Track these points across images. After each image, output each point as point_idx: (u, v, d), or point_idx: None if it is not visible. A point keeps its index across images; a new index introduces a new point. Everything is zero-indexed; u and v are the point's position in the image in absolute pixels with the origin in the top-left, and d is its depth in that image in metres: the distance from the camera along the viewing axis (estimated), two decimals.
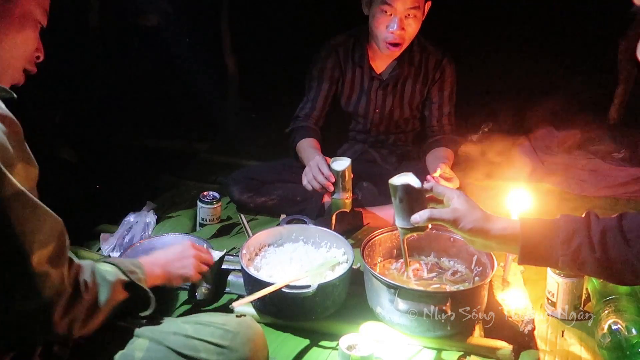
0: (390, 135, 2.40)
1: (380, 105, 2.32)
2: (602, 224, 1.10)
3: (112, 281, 1.12)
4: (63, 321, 0.98)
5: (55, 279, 0.95)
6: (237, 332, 1.25)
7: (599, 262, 1.08)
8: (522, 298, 1.65)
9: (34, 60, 1.13)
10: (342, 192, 1.85)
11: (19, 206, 0.91)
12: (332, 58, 2.29)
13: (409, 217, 1.28)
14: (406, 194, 1.28)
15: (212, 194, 2.21)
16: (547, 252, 1.13)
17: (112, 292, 1.11)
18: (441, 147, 2.27)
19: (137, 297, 1.20)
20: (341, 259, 1.70)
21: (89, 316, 1.05)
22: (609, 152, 2.71)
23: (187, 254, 1.46)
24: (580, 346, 1.53)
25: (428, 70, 2.28)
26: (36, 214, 0.94)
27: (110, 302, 1.10)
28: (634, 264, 1.06)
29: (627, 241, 1.07)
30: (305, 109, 2.31)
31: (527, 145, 2.83)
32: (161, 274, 1.35)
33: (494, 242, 1.19)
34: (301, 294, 1.51)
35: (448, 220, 1.22)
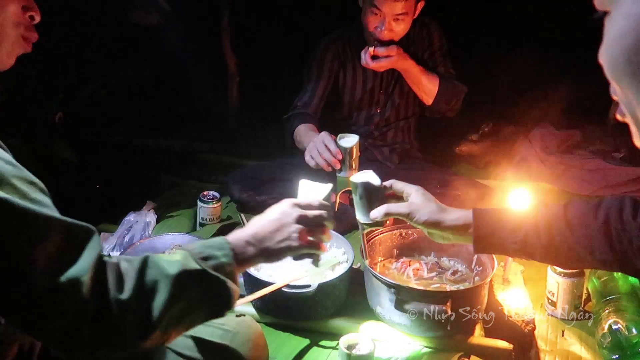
0: (392, 125, 2.39)
1: (385, 88, 2.33)
2: (549, 211, 1.16)
3: (173, 274, 0.88)
4: (104, 341, 0.82)
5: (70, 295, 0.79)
6: (236, 331, 1.25)
7: (545, 249, 1.14)
8: (522, 298, 1.65)
9: (29, 22, 0.99)
10: (349, 170, 1.73)
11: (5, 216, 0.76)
12: (332, 50, 2.31)
13: (369, 213, 1.34)
14: (366, 191, 1.36)
15: (212, 194, 2.21)
16: (499, 241, 1.18)
17: (173, 289, 0.87)
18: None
19: (213, 291, 0.95)
20: (341, 259, 1.70)
21: (145, 326, 0.84)
22: (609, 152, 2.71)
23: (288, 219, 1.10)
24: (581, 346, 1.53)
25: (418, 40, 2.30)
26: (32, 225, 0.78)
27: (175, 303, 0.87)
28: (577, 249, 1.11)
29: (570, 227, 1.12)
30: (303, 98, 2.31)
31: (527, 145, 2.83)
32: (256, 253, 1.06)
33: (448, 232, 1.25)
34: (301, 294, 1.51)
35: (404, 214, 1.28)
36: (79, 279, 0.79)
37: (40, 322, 0.80)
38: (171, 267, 0.89)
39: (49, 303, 0.78)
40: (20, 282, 0.77)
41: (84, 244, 0.83)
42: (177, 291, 0.88)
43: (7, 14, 0.96)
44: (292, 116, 2.28)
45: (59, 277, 0.78)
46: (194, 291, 0.91)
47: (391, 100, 2.36)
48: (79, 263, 0.81)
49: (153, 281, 0.86)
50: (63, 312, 0.79)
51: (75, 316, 0.79)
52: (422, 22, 2.28)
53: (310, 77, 2.33)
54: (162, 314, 0.85)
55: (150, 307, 0.85)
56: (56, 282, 0.78)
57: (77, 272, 0.80)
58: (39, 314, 0.79)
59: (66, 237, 0.81)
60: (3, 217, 0.76)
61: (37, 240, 0.78)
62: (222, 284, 0.95)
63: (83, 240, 0.83)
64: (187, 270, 0.90)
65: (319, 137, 1.86)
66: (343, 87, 2.35)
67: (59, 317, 0.79)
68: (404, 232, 1.78)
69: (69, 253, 0.81)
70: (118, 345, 0.84)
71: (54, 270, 0.79)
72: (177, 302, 0.88)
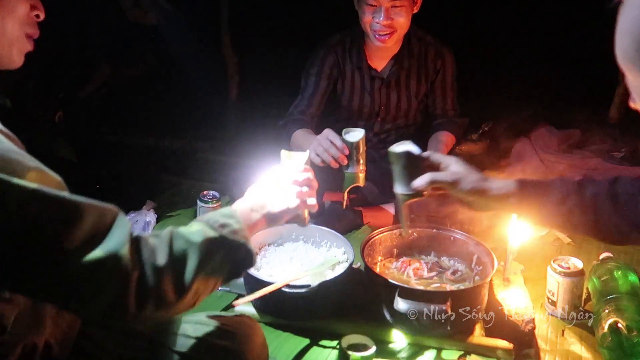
0: (392, 133, 2.40)
1: (385, 102, 2.32)
2: (595, 187, 1.15)
3: (198, 242, 0.96)
4: (147, 304, 0.88)
5: (112, 268, 0.84)
6: (237, 331, 1.25)
7: (590, 225, 1.14)
8: (522, 297, 1.64)
9: (34, 21, 1.03)
10: (356, 165, 1.70)
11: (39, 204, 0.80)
12: (331, 57, 2.27)
13: (409, 183, 1.32)
14: (407, 160, 1.34)
15: (212, 193, 2.21)
16: (542, 212, 1.19)
17: (201, 255, 0.95)
18: (442, 131, 2.28)
19: (235, 253, 1.03)
20: (341, 258, 1.70)
21: (180, 290, 0.92)
22: (609, 152, 2.71)
23: (282, 185, 1.23)
24: (581, 345, 1.53)
25: (428, 61, 2.27)
26: (66, 210, 0.83)
27: (203, 267, 0.96)
28: (623, 227, 1.11)
29: (617, 204, 1.12)
30: (300, 106, 2.26)
31: (527, 144, 2.83)
32: (262, 218, 1.16)
33: (492, 201, 1.25)
34: (301, 294, 1.51)
35: (448, 182, 1.27)
36: (118, 252, 0.85)
37: (88, 299, 0.85)
38: (195, 237, 0.97)
39: (95, 279, 0.84)
40: (63, 263, 0.82)
41: (113, 221, 0.88)
42: (204, 256, 0.96)
43: (18, 15, 0.99)
44: (288, 122, 2.24)
45: (99, 254, 0.84)
46: (218, 255, 1.00)
47: (392, 118, 2.36)
48: (114, 239, 0.86)
49: (182, 249, 0.94)
50: (108, 285, 0.84)
51: (120, 287, 0.85)
52: (436, 51, 2.25)
53: (307, 84, 2.28)
54: (194, 277, 0.94)
55: (183, 272, 0.93)
56: (98, 259, 0.83)
57: (115, 247, 0.85)
58: (87, 292, 0.84)
59: (97, 217, 0.86)
60: (40, 206, 0.80)
61: (73, 224, 0.83)
62: (242, 245, 1.04)
63: (112, 218, 0.88)
64: (209, 238, 0.99)
65: (323, 134, 1.80)
66: (341, 94, 2.33)
67: (105, 290, 0.84)
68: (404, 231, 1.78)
69: (102, 231, 0.86)
70: (159, 309, 0.90)
71: (93, 249, 0.84)
72: (204, 266, 0.96)
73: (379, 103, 2.32)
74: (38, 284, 0.83)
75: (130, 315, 0.87)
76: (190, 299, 0.95)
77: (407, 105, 2.32)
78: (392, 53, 2.23)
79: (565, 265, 1.61)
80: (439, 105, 2.32)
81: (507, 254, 1.71)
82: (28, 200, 0.79)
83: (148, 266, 0.89)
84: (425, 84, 2.29)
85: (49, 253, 0.81)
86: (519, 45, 2.87)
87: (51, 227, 0.81)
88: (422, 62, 2.27)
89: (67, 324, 1.13)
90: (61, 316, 1.12)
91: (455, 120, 2.32)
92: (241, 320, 1.32)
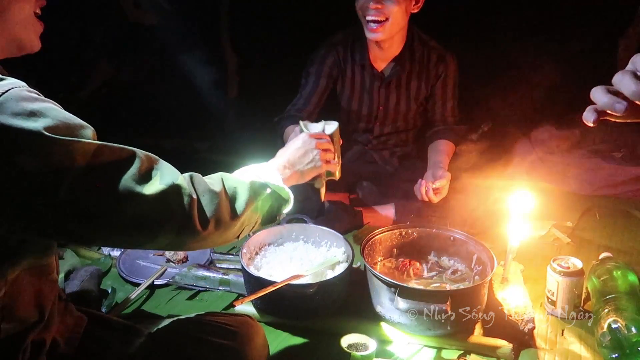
0: (392, 136, 2.40)
1: (384, 102, 2.31)
2: None
3: (247, 182, 1.13)
4: (209, 223, 1.01)
5: (175, 195, 0.97)
6: (237, 331, 1.26)
7: None
8: (522, 297, 1.65)
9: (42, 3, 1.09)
10: None
11: (107, 157, 0.90)
12: (332, 56, 2.27)
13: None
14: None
15: None
16: None
17: (250, 191, 1.12)
18: (442, 140, 2.28)
19: (277, 195, 1.22)
20: (341, 258, 1.70)
21: (234, 214, 1.07)
22: (609, 152, 2.71)
23: (310, 145, 1.42)
24: (580, 345, 1.53)
25: (430, 65, 2.26)
26: (125, 153, 0.94)
27: (252, 200, 1.12)
28: None
29: None
30: (297, 104, 2.27)
31: (527, 144, 2.83)
32: (293, 174, 1.34)
33: None
34: (301, 293, 1.51)
35: None
36: (175, 182, 0.97)
37: (159, 227, 0.95)
38: (244, 178, 1.15)
39: (162, 208, 0.94)
40: (135, 199, 0.91)
41: (158, 162, 1.00)
42: (252, 193, 1.13)
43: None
44: (282, 118, 2.25)
45: (161, 186, 0.95)
46: (263, 194, 1.18)
47: (391, 120, 2.35)
48: (168, 173, 0.99)
49: (234, 185, 1.11)
50: (175, 210, 0.96)
51: (184, 211, 0.97)
52: (439, 56, 2.25)
53: (307, 82, 2.28)
54: (245, 207, 1.09)
55: (235, 200, 1.09)
56: (161, 190, 0.94)
57: (172, 178, 0.98)
58: (157, 221, 0.94)
59: (148, 157, 0.98)
60: (108, 155, 0.90)
61: (135, 166, 0.93)
62: (282, 189, 1.22)
63: (156, 159, 1.00)
64: (256, 181, 1.17)
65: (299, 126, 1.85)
66: (341, 94, 2.33)
67: (174, 216, 0.96)
68: (404, 231, 1.79)
69: (156, 169, 0.98)
70: (218, 228, 1.03)
71: (154, 183, 0.95)
72: (253, 200, 1.13)
73: (378, 103, 2.31)
74: (115, 225, 0.92)
75: (197, 234, 0.99)
76: (238, 228, 1.10)
77: (406, 108, 2.32)
78: (393, 54, 2.23)
79: (564, 265, 1.62)
80: (439, 110, 2.32)
81: (507, 254, 1.71)
82: (98, 153, 0.89)
83: (206, 193, 1.02)
84: (426, 88, 2.29)
85: (121, 193, 0.90)
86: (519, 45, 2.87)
87: (119, 170, 0.91)
88: (424, 66, 2.26)
89: (74, 321, 1.14)
90: (68, 314, 1.13)
91: (453, 128, 2.32)
92: (242, 319, 1.32)
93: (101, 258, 1.94)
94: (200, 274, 1.77)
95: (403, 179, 2.32)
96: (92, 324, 1.17)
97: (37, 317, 1.00)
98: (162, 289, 1.78)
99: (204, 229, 0.99)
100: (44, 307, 1.01)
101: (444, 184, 2.03)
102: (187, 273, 1.77)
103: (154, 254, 1.96)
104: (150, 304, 1.72)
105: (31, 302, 0.99)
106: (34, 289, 0.99)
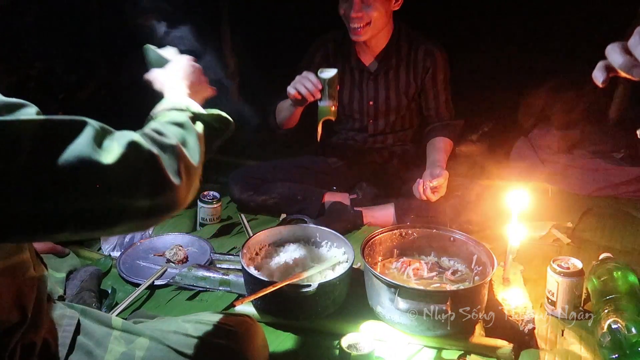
0: (389, 136, 2.40)
1: (374, 97, 2.33)
2: None
3: (187, 121, 1.10)
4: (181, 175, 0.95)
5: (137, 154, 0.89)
6: (237, 331, 1.25)
7: None
8: (522, 297, 1.65)
9: None
10: (328, 100, 1.94)
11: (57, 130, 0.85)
12: (322, 51, 2.34)
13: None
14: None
15: (213, 194, 2.22)
16: None
17: (189, 130, 1.08)
18: (439, 138, 2.29)
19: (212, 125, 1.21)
20: (341, 259, 1.70)
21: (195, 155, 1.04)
22: (609, 152, 2.71)
23: (193, 67, 1.44)
24: (580, 345, 1.53)
25: (418, 59, 2.28)
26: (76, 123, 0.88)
27: (200, 139, 1.09)
28: None
29: None
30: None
31: (527, 144, 2.83)
32: (196, 98, 1.32)
33: None
34: (302, 293, 1.51)
35: None
36: (132, 140, 0.90)
37: (132, 190, 0.88)
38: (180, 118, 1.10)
39: (129, 171, 0.88)
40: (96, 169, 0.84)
41: (114, 131, 0.92)
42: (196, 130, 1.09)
43: None
44: (273, 102, 2.33)
45: (120, 149, 0.87)
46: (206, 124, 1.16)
47: (383, 115, 2.36)
48: (120, 135, 0.91)
49: (177, 129, 1.06)
50: (142, 169, 0.89)
51: (152, 167, 0.90)
52: (426, 50, 2.26)
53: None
54: (198, 142, 1.06)
55: (188, 141, 1.04)
56: (122, 154, 0.87)
57: (127, 139, 0.89)
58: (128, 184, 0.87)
59: (100, 126, 0.90)
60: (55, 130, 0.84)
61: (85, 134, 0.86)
62: (215, 113, 1.22)
63: (111, 129, 0.93)
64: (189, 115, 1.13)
65: (301, 74, 2.00)
66: None
67: (143, 175, 0.89)
68: (404, 232, 1.79)
69: (111, 135, 0.90)
70: (189, 175, 0.98)
71: (113, 148, 0.87)
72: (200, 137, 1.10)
73: (368, 97, 2.33)
74: (83, 203, 0.84)
75: (174, 189, 0.92)
76: (201, 165, 1.06)
77: (396, 103, 2.33)
78: (378, 50, 2.26)
79: (564, 265, 1.62)
80: (432, 106, 2.33)
81: (507, 254, 1.71)
82: (46, 127, 0.83)
83: (164, 145, 0.96)
84: (415, 81, 2.30)
85: (80, 168, 0.83)
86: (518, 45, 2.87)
87: (72, 141, 0.84)
88: (411, 61, 2.28)
89: (64, 320, 1.12)
90: (58, 313, 1.12)
91: (449, 124, 2.33)
92: (242, 320, 1.32)
93: (101, 259, 1.94)
94: (201, 275, 1.77)
95: (403, 178, 2.32)
96: (90, 324, 1.17)
97: (19, 318, 0.97)
98: (162, 289, 1.78)
99: (179, 182, 0.94)
100: (26, 308, 0.99)
101: (442, 183, 2.04)
102: (187, 273, 1.77)
103: (154, 254, 1.96)
104: (150, 304, 1.72)
105: (10, 302, 0.96)
106: (11, 290, 0.96)
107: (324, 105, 1.95)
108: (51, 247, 1.89)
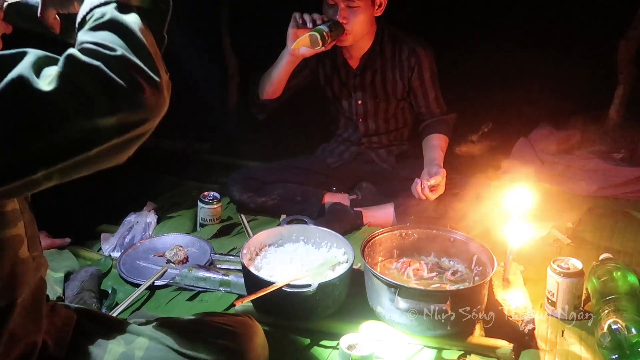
0: (384, 135, 2.40)
1: (362, 97, 2.33)
2: None
3: (112, 17, 0.93)
4: (134, 79, 0.86)
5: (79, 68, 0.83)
6: (237, 331, 1.25)
7: None
8: (522, 298, 1.65)
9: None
10: (327, 29, 1.99)
11: None
12: None
13: None
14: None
15: (213, 194, 2.22)
16: None
17: (127, 25, 0.92)
18: (434, 134, 2.29)
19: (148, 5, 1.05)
20: (341, 259, 1.71)
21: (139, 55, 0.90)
22: (609, 152, 2.71)
23: None
24: (580, 346, 1.53)
25: (402, 59, 2.27)
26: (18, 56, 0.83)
27: (141, 33, 0.95)
28: None
29: None
30: None
31: (527, 145, 2.83)
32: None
33: None
34: (302, 293, 1.51)
35: None
36: (72, 56, 0.83)
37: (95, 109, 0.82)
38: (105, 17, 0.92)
39: (73, 91, 0.81)
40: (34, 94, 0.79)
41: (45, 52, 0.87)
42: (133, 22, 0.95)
43: None
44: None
45: (54, 69, 0.82)
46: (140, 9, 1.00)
47: (372, 115, 2.36)
48: (57, 59, 0.84)
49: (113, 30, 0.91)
50: (89, 82, 0.82)
51: (99, 77, 0.83)
52: (410, 49, 2.25)
53: None
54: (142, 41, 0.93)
55: (126, 42, 0.90)
56: (57, 72, 0.81)
57: (64, 58, 0.83)
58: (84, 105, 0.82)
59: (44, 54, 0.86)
60: None
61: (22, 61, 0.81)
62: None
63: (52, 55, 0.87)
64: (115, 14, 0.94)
65: None
66: (325, 91, 2.38)
67: (92, 90, 0.82)
68: (404, 232, 1.79)
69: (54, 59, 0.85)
70: (147, 81, 0.89)
71: (46, 68, 0.83)
72: (140, 29, 0.96)
73: (355, 97, 2.33)
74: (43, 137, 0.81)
75: (135, 95, 0.85)
76: (155, 57, 0.97)
77: (385, 104, 2.33)
78: (362, 52, 2.25)
79: (564, 265, 1.62)
80: (422, 103, 2.32)
81: (507, 255, 1.71)
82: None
83: (104, 54, 0.85)
84: (402, 81, 2.29)
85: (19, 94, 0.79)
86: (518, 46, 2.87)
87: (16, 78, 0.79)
88: (396, 61, 2.27)
89: (62, 320, 1.12)
90: (55, 313, 1.12)
91: (442, 119, 2.33)
92: (241, 319, 1.32)
93: (101, 259, 1.94)
94: (201, 275, 1.77)
95: (402, 177, 2.32)
96: (88, 324, 1.17)
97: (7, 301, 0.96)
98: (162, 289, 1.78)
99: (134, 88, 0.86)
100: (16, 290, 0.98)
101: (440, 181, 2.04)
102: (187, 274, 1.77)
103: (154, 255, 1.96)
104: (150, 304, 1.72)
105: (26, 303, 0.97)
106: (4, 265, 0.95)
107: (321, 28, 1.98)
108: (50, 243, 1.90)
